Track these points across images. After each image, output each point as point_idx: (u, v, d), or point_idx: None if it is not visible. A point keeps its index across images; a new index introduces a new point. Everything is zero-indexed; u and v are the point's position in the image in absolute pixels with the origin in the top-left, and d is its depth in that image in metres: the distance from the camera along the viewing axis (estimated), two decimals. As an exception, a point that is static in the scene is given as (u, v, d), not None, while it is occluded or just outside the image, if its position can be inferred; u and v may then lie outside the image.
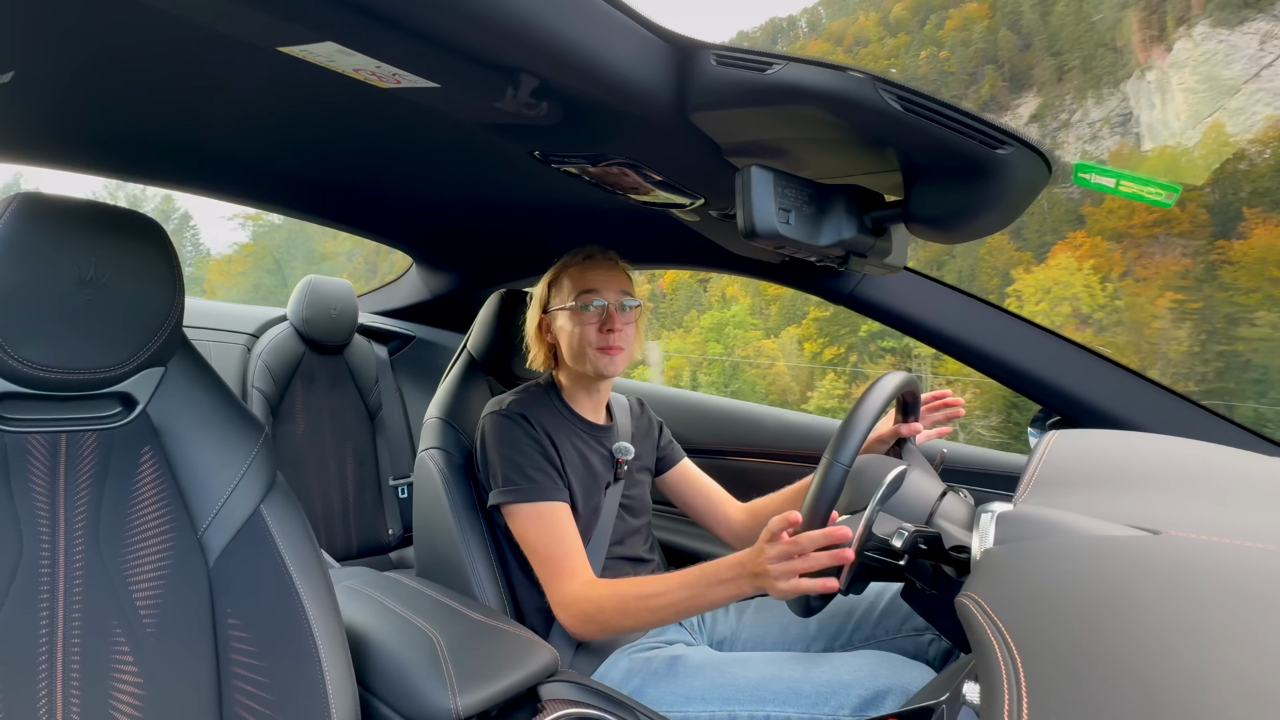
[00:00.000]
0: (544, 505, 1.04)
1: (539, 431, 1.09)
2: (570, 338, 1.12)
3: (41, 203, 0.69)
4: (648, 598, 0.95)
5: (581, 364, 1.13)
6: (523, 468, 1.05)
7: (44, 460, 0.70)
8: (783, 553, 0.81)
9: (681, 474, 1.32)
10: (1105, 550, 0.44)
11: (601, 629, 1.01)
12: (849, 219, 0.73)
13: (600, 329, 1.10)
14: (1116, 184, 0.77)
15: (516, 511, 1.05)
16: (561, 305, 1.14)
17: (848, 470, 0.80)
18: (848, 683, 0.87)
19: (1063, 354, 1.11)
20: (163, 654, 0.70)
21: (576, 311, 1.12)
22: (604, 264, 1.16)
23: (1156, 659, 0.32)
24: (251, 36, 0.62)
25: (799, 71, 0.62)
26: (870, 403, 0.84)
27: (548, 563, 1.04)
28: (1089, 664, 0.33)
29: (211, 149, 1.17)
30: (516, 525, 1.06)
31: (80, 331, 0.69)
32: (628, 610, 0.97)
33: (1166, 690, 0.30)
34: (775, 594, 0.82)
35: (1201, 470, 0.58)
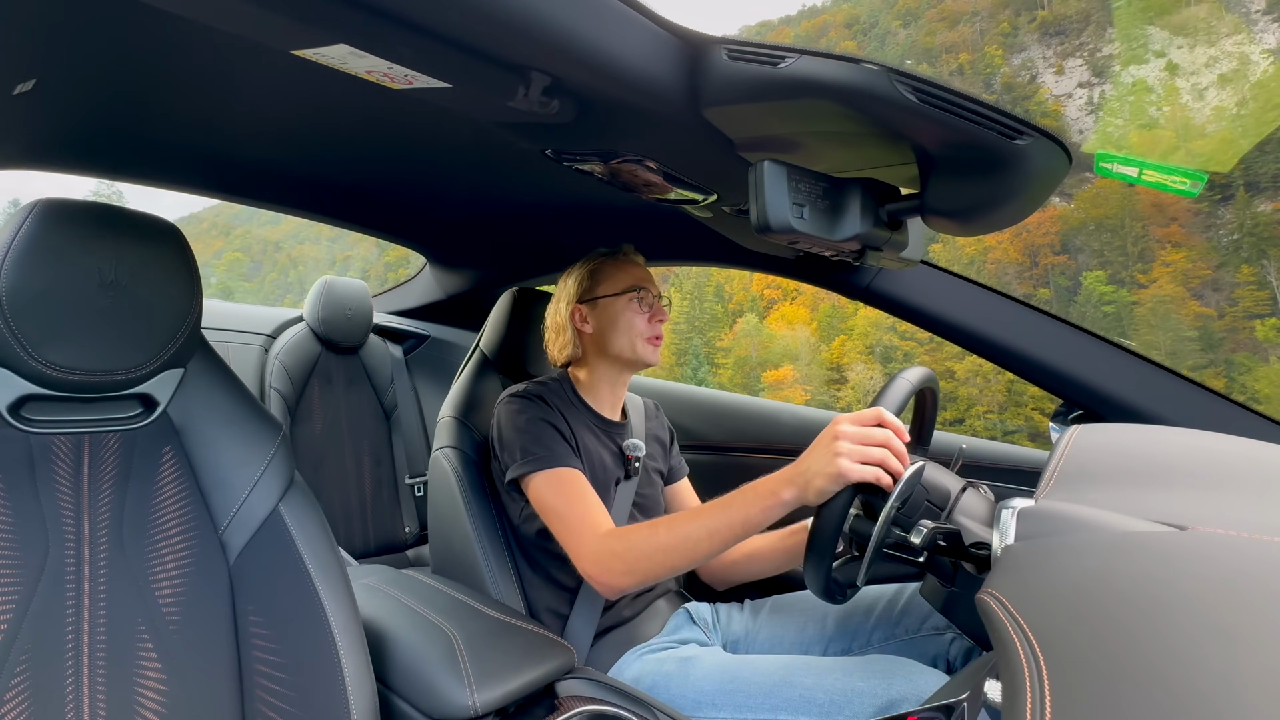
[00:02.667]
0: (562, 470, 1.03)
1: (555, 412, 1.10)
2: (621, 326, 1.14)
3: (62, 208, 0.70)
4: (674, 522, 0.90)
5: (629, 353, 1.15)
6: (540, 438, 1.05)
7: (68, 460, 0.71)
8: (863, 435, 0.77)
9: (679, 492, 1.32)
10: (1131, 547, 0.43)
11: (630, 569, 0.92)
12: (864, 213, 0.73)
13: (650, 319, 1.15)
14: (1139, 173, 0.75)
15: (535, 480, 1.04)
16: (610, 294, 1.15)
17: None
18: (861, 691, 0.86)
19: (1085, 347, 1.09)
20: (185, 650, 0.71)
21: (628, 301, 1.15)
22: (639, 261, 1.21)
23: (1186, 660, 0.31)
24: (265, 40, 0.62)
25: (812, 65, 0.61)
26: (892, 394, 0.84)
27: (570, 521, 0.99)
28: (1115, 664, 0.32)
29: (228, 152, 1.18)
30: (536, 493, 1.04)
31: (102, 334, 0.70)
32: (657, 537, 0.90)
33: (1197, 693, 0.29)
34: (826, 480, 0.77)
35: (1230, 464, 0.57)
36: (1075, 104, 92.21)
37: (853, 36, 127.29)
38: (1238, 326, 62.77)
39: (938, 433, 1.25)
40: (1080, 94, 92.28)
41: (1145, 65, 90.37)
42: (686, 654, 1.04)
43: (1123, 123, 67.05)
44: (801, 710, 0.88)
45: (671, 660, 1.02)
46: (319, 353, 1.87)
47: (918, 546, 0.75)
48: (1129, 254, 74.12)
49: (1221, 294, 66.82)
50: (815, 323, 72.43)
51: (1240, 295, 65.92)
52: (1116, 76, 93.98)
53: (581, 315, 1.17)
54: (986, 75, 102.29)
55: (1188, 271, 69.90)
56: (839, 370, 66.91)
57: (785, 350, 69.78)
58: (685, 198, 1.04)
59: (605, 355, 1.17)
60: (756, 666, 0.96)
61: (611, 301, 1.15)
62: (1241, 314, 64.05)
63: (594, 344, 1.17)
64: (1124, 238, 74.38)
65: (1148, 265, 71.90)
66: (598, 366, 1.18)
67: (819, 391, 64.17)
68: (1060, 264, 75.48)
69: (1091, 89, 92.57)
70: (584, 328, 1.17)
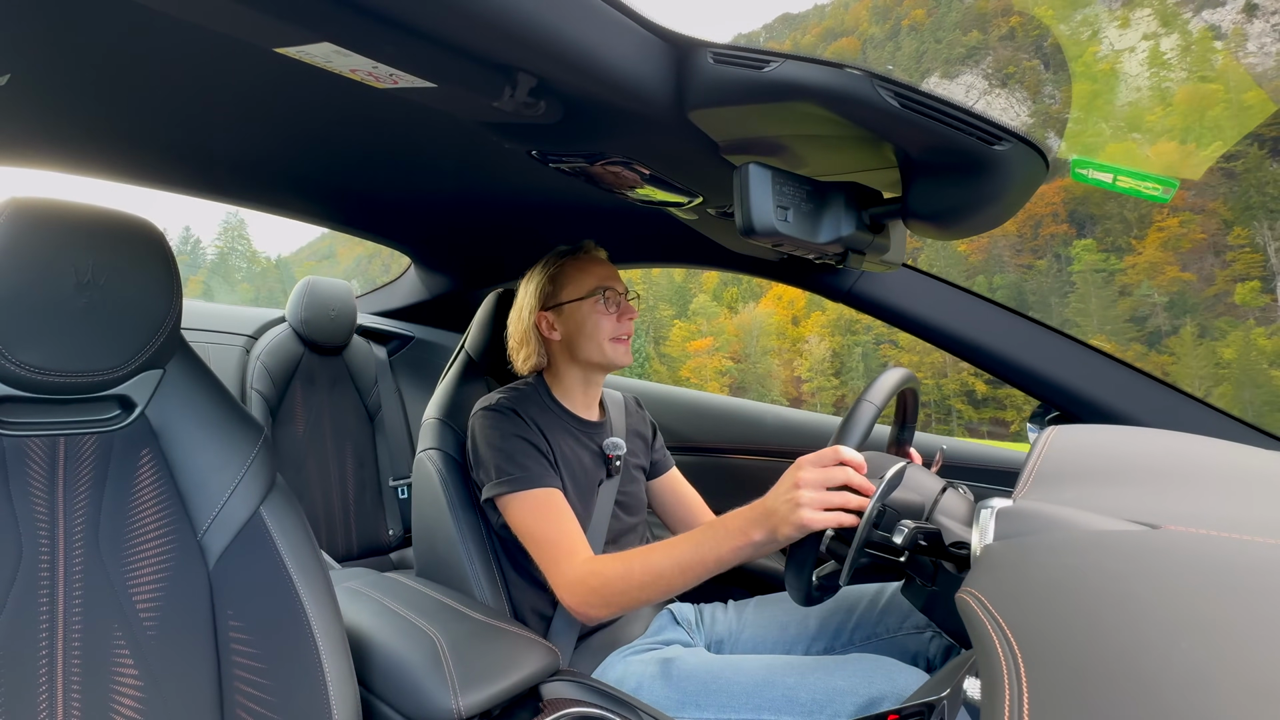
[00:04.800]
0: (539, 492, 1.03)
1: (530, 424, 1.08)
2: (590, 330, 1.12)
3: (36, 207, 0.68)
4: (651, 563, 0.91)
5: (599, 357, 1.13)
6: (514, 457, 1.04)
7: (43, 463, 0.70)
8: (820, 478, 0.78)
9: (669, 483, 1.31)
10: (1105, 545, 0.44)
11: (607, 603, 0.94)
12: (847, 216, 0.73)
13: (618, 319, 1.13)
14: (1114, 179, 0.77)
15: (511, 502, 1.03)
16: (574, 298, 1.13)
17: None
18: (843, 690, 0.87)
19: (1062, 350, 1.11)
20: (163, 656, 0.70)
21: (594, 304, 1.12)
22: (603, 259, 1.18)
23: (1157, 654, 0.32)
24: (248, 37, 0.62)
25: (796, 69, 0.62)
26: (874, 393, 0.84)
27: (546, 548, 1.00)
28: (1090, 659, 0.33)
29: (209, 151, 1.17)
30: (512, 516, 1.04)
31: (78, 335, 0.69)
32: (632, 575, 0.92)
33: (1168, 685, 0.30)
34: (792, 529, 0.78)
35: (1201, 465, 0.58)
36: (1137, 58, 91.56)
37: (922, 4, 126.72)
38: (1228, 290, 62.84)
39: (919, 434, 1.27)
40: (1144, 46, 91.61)
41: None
42: (669, 655, 1.04)
43: (1096, 127, 68.78)
44: (784, 710, 0.88)
45: (654, 661, 1.02)
46: (301, 354, 1.85)
47: (899, 546, 0.76)
48: (1127, 221, 74.64)
49: (1221, 258, 67.16)
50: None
51: (1233, 258, 66.27)
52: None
53: (548, 322, 1.15)
54: (1036, 36, 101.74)
55: (1181, 236, 70.37)
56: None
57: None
58: (670, 199, 1.04)
59: (575, 360, 1.15)
60: (739, 667, 0.97)
61: (577, 306, 1.13)
62: (1231, 278, 64.28)
63: (563, 350, 1.16)
64: (1122, 204, 75.19)
65: (1144, 231, 72.24)
66: (569, 371, 1.17)
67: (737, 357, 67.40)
68: (1062, 233, 76.12)
69: (1157, 39, 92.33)
70: (551, 335, 1.15)
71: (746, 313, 79.16)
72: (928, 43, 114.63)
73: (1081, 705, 0.30)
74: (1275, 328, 57.86)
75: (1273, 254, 64.70)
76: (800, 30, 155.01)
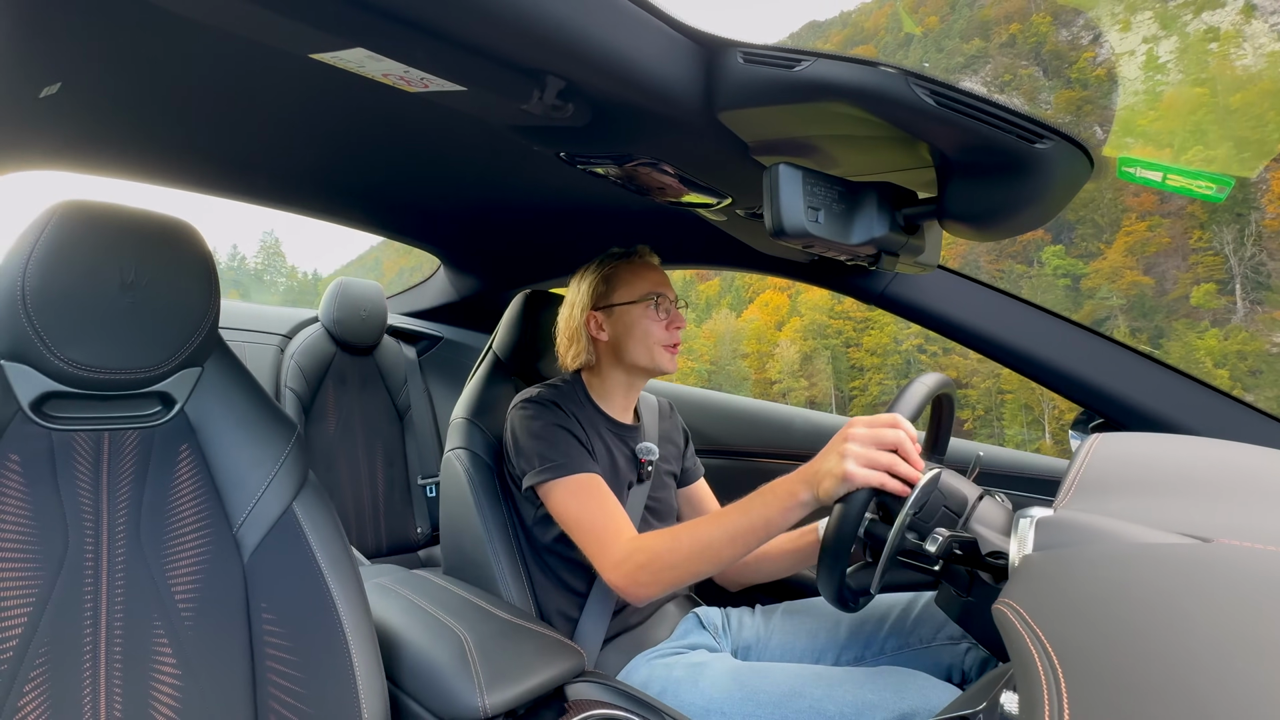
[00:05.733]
0: (581, 477, 1.02)
1: (570, 416, 1.09)
2: (639, 334, 1.12)
3: (83, 210, 0.71)
4: (699, 534, 0.89)
5: (646, 361, 1.13)
6: (556, 445, 1.04)
7: (88, 457, 0.72)
8: (871, 437, 0.76)
9: (696, 493, 1.31)
10: (1153, 558, 0.43)
11: (655, 578, 0.92)
12: (880, 216, 0.72)
13: (668, 327, 1.13)
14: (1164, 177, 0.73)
15: (554, 488, 1.03)
16: (626, 301, 1.14)
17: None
18: (873, 704, 0.85)
19: (1106, 354, 1.08)
20: (200, 646, 0.72)
21: (646, 308, 1.13)
22: (656, 265, 1.19)
23: (1209, 674, 0.30)
24: (284, 45, 0.63)
25: (828, 68, 0.61)
26: (908, 399, 0.83)
27: (591, 531, 0.98)
28: (1136, 677, 0.31)
29: (247, 155, 1.20)
30: (555, 502, 1.03)
31: (122, 333, 0.71)
32: (680, 547, 0.90)
33: (1220, 708, 0.28)
34: (834, 482, 0.76)
35: (1256, 475, 0.55)
36: (1136, 61, 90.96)
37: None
38: (1188, 294, 63.70)
39: (955, 441, 1.24)
40: (1143, 49, 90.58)
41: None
42: (695, 660, 1.03)
43: (1142, 124, 68.01)
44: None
45: (680, 666, 1.01)
46: (334, 353, 1.88)
47: (933, 555, 0.74)
48: (1099, 226, 74.65)
49: (1186, 261, 67.31)
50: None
51: (1195, 260, 66.73)
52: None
53: (597, 323, 1.16)
54: (1034, 44, 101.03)
55: (1146, 240, 70.60)
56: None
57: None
58: (699, 201, 1.04)
59: (621, 363, 1.15)
60: (766, 675, 0.95)
61: (628, 309, 1.13)
62: (1191, 281, 65.35)
63: (610, 351, 1.16)
64: (1093, 209, 74.38)
65: (1113, 237, 72.43)
66: (613, 373, 1.17)
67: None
68: (1038, 239, 75.97)
69: (1156, 43, 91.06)
70: (600, 335, 1.16)
71: (720, 320, 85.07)
72: (930, 52, 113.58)
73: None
74: (1231, 329, 57.05)
75: (1230, 255, 64.27)
76: (823, 38, 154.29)
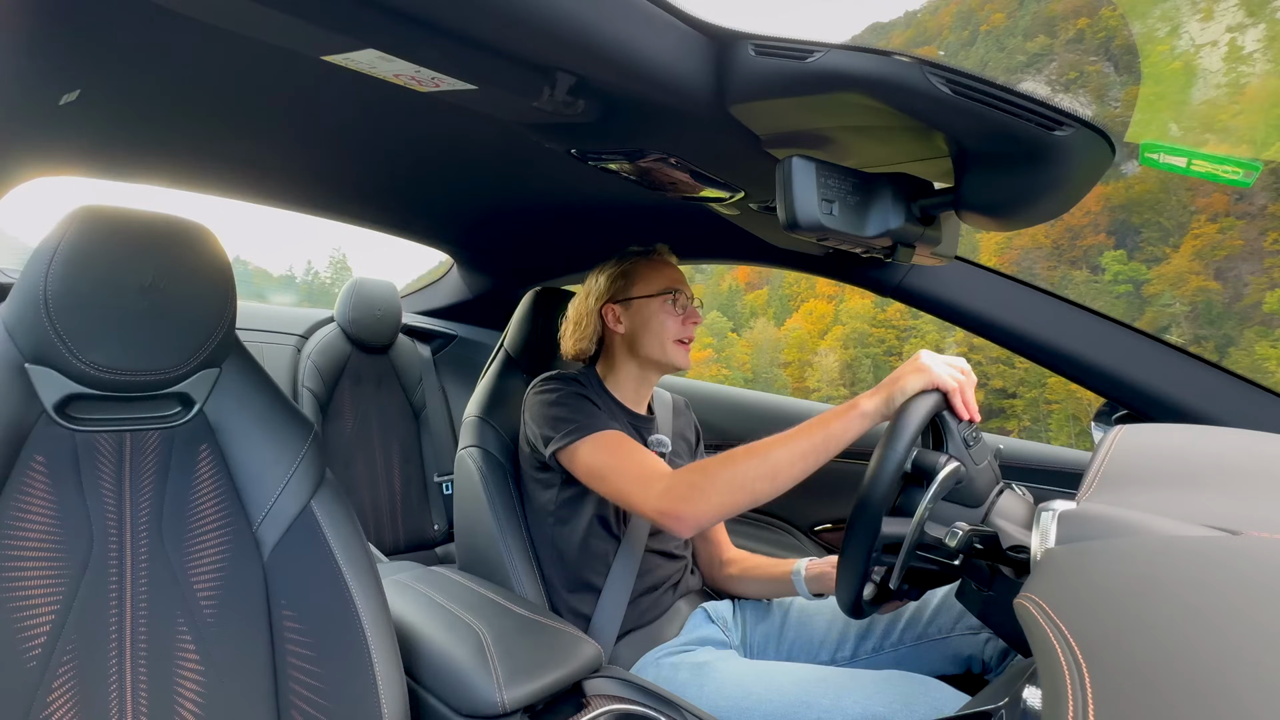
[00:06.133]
0: (606, 433, 1.03)
1: (588, 391, 1.11)
2: (655, 328, 1.14)
3: (102, 215, 0.72)
4: (752, 449, 0.87)
5: (660, 355, 1.14)
6: (577, 410, 1.06)
7: (111, 458, 0.74)
8: (947, 360, 0.84)
9: None
10: (1179, 552, 0.42)
11: (705, 497, 0.88)
12: (896, 208, 0.71)
13: (683, 322, 1.15)
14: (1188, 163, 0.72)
15: (580, 448, 1.02)
16: (644, 295, 1.15)
17: (903, 461, 0.77)
18: (881, 715, 0.83)
19: (1129, 344, 1.06)
20: (222, 643, 0.73)
21: (664, 303, 1.14)
22: (675, 264, 1.21)
23: (1237, 669, 0.29)
24: (297, 47, 0.64)
25: (842, 58, 0.60)
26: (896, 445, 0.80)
27: (627, 474, 0.97)
28: (1162, 671, 0.31)
29: (261, 158, 1.21)
30: (584, 460, 1.02)
31: (142, 336, 0.72)
32: (735, 465, 0.87)
33: (1249, 703, 0.28)
34: (915, 374, 0.82)
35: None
36: (1218, 52, 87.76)
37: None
38: (1261, 300, 60.56)
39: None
40: (1226, 39, 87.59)
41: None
42: (700, 660, 1.02)
43: (1166, 106, 65.68)
44: None
45: (685, 668, 1.01)
46: (349, 352, 1.90)
47: (953, 549, 0.73)
48: (1165, 229, 72.23)
49: (1260, 265, 64.40)
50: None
51: (1272, 264, 63.52)
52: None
53: (615, 315, 1.17)
54: (1103, 39, 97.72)
55: (1217, 243, 67.76)
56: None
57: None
58: (712, 195, 1.03)
59: (635, 356, 1.16)
60: (772, 681, 0.94)
61: (646, 303, 1.14)
62: (1266, 285, 62.02)
63: (625, 344, 1.17)
64: (1159, 213, 72.29)
65: (1180, 240, 69.92)
66: (626, 366, 1.18)
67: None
68: (1099, 244, 73.77)
69: (1241, 32, 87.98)
70: (616, 327, 1.17)
71: (760, 329, 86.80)
72: (991, 51, 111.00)
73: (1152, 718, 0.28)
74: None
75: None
76: (885, 39, 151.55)
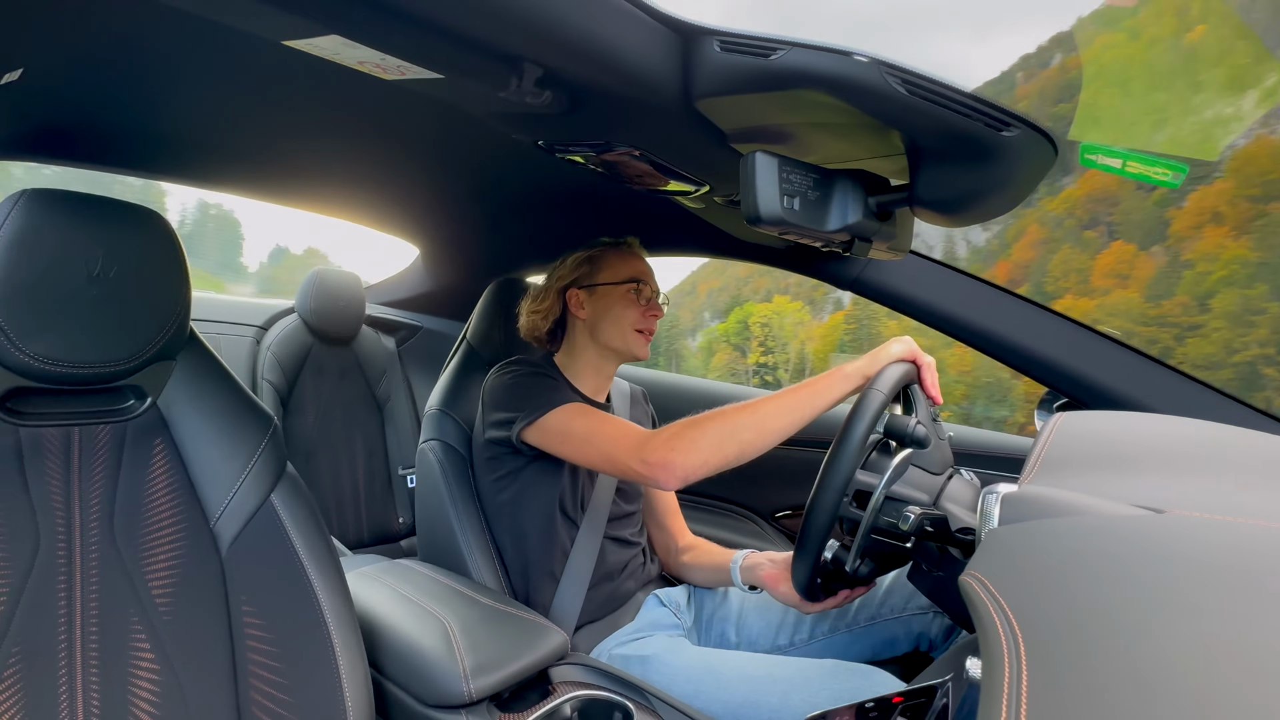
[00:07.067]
0: (570, 405, 1.03)
1: (549, 373, 1.11)
2: (615, 316, 1.14)
3: (50, 198, 0.69)
4: (742, 405, 0.90)
5: (619, 343, 1.14)
6: (540, 388, 1.06)
7: (58, 453, 0.71)
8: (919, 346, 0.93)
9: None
10: (1108, 529, 0.45)
11: (694, 445, 0.88)
12: (854, 203, 0.73)
13: (645, 313, 1.15)
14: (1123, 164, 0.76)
15: (548, 421, 1.01)
16: (610, 281, 1.15)
17: (880, 409, 0.83)
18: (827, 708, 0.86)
19: (1070, 336, 1.11)
20: (179, 642, 0.72)
21: (627, 292, 1.14)
22: (642, 255, 1.21)
23: (1157, 633, 0.32)
24: (257, 30, 0.62)
25: (803, 56, 0.62)
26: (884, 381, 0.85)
27: (609, 436, 0.96)
28: (1089, 638, 0.33)
29: (218, 143, 1.17)
30: (555, 432, 1.01)
31: (90, 326, 0.70)
32: (725, 417, 0.90)
33: (1164, 663, 0.30)
34: (899, 348, 0.91)
35: (1208, 450, 0.58)
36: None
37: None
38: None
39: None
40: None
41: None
42: (648, 651, 1.03)
43: (1104, 108, 64.56)
44: None
45: (636, 660, 1.03)
46: (311, 344, 1.86)
47: (905, 531, 0.76)
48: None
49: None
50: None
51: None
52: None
53: (579, 300, 1.17)
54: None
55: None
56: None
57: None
58: (677, 188, 1.04)
59: (595, 342, 1.17)
60: (720, 677, 0.95)
61: (610, 290, 1.15)
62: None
63: (586, 330, 1.17)
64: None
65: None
66: (585, 352, 1.18)
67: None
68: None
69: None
70: (579, 312, 1.17)
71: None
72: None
73: (1080, 683, 0.30)
74: None
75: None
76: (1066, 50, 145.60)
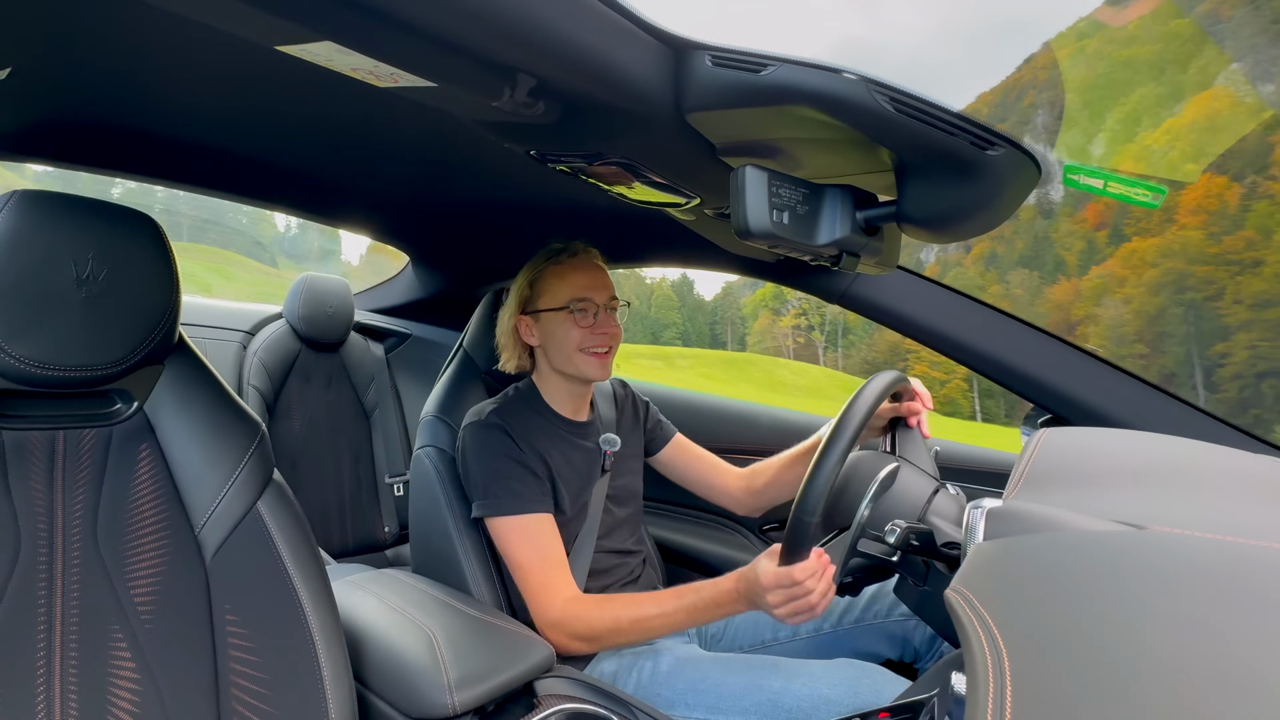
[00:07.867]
0: (527, 518, 1.04)
1: (521, 441, 1.08)
2: (560, 342, 1.11)
3: (39, 199, 0.69)
4: (642, 620, 0.97)
5: (569, 367, 1.12)
6: (505, 478, 1.05)
7: (42, 457, 0.70)
8: (786, 596, 0.84)
9: (676, 449, 1.32)
10: (1090, 545, 0.45)
11: (591, 646, 1.01)
12: (843, 218, 0.74)
13: (592, 332, 1.10)
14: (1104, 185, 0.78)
15: (499, 524, 1.05)
16: (549, 307, 1.12)
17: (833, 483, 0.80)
18: (828, 699, 0.89)
19: (1055, 353, 1.12)
20: (161, 650, 0.71)
21: (567, 315, 1.10)
22: (587, 262, 1.15)
23: (1133, 647, 0.33)
24: (250, 35, 0.62)
25: (793, 73, 0.63)
26: (861, 403, 0.85)
27: (531, 578, 1.03)
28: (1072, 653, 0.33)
29: (210, 146, 1.17)
30: (499, 538, 1.06)
31: (78, 329, 0.69)
32: (620, 629, 0.98)
33: (1142, 676, 0.31)
34: (783, 619, 0.86)
35: (1189, 467, 0.59)
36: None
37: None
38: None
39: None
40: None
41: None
42: (655, 650, 1.05)
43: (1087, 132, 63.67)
44: (768, 714, 0.90)
45: (644, 657, 1.03)
46: (299, 350, 1.85)
47: (891, 546, 0.77)
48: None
49: None
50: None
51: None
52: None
53: (528, 327, 1.14)
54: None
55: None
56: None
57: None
58: (668, 201, 1.05)
59: (552, 367, 1.15)
60: (727, 667, 0.98)
61: (551, 316, 1.12)
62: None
63: (542, 356, 1.16)
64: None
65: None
66: (551, 376, 1.17)
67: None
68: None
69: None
70: (530, 340, 1.15)
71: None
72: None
73: (1063, 698, 0.31)
74: None
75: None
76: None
